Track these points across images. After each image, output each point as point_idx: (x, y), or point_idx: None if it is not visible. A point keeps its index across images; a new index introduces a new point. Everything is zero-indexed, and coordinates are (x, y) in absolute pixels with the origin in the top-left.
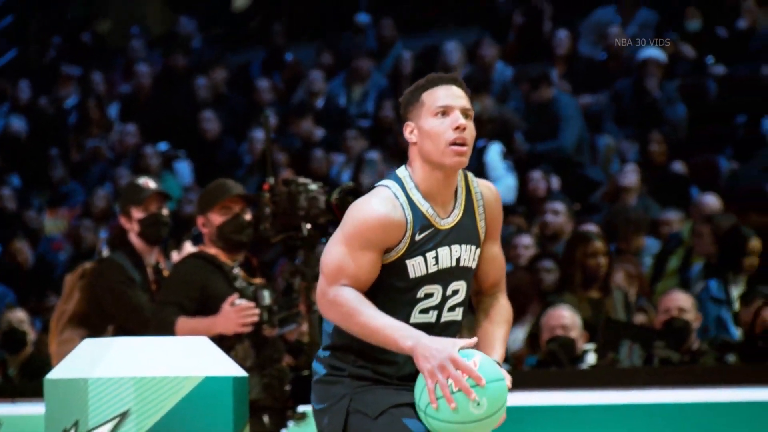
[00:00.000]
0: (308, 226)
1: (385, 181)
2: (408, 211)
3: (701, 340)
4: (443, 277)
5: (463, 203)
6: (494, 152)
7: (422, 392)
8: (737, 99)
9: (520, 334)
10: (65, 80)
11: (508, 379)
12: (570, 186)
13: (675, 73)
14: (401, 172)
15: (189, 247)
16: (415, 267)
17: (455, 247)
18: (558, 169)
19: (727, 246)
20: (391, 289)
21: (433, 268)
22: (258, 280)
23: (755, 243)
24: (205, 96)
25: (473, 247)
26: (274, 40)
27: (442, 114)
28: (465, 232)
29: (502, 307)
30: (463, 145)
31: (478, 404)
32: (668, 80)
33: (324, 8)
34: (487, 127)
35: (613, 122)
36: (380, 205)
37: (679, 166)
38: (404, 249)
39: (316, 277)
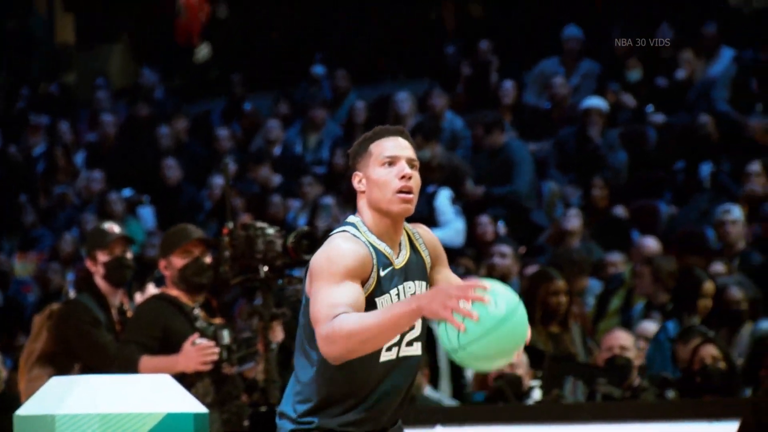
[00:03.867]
0: (266, 268)
1: (340, 227)
2: (371, 248)
3: (642, 377)
4: None
5: (408, 243)
6: (444, 197)
7: (446, 331)
8: (676, 146)
9: (469, 371)
10: (34, 129)
11: None
12: (516, 229)
13: (616, 121)
14: (352, 219)
15: (152, 289)
16: (383, 305)
17: (409, 284)
18: (506, 213)
19: (681, 288)
20: None
21: None
22: (218, 320)
23: (709, 285)
24: (167, 144)
25: (424, 283)
26: (233, 91)
27: (389, 164)
28: (415, 269)
29: None
30: (409, 193)
31: (496, 304)
32: (610, 128)
33: (281, 60)
34: (437, 173)
35: (557, 168)
36: (345, 242)
37: (620, 210)
38: (373, 286)
39: (273, 317)
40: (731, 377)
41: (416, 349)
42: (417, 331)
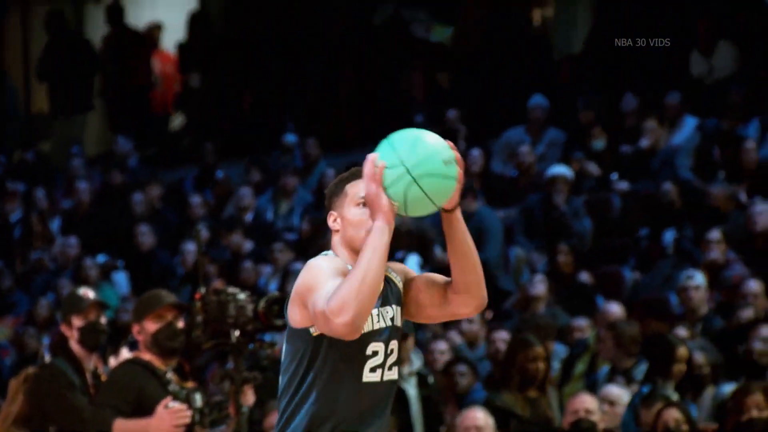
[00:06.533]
0: (237, 333)
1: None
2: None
3: None
4: (383, 335)
5: None
6: (412, 263)
7: (392, 183)
8: (640, 213)
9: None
10: (10, 196)
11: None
12: None
13: (581, 188)
14: (326, 252)
15: (125, 353)
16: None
17: (387, 308)
18: None
19: (655, 354)
20: (342, 345)
21: (377, 325)
22: (190, 384)
23: (683, 350)
24: (140, 211)
25: (400, 308)
26: (206, 159)
27: (364, 204)
28: (390, 295)
29: None
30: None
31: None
32: (575, 195)
33: (253, 129)
34: (405, 239)
35: (524, 235)
36: (323, 259)
37: (585, 276)
38: None
39: (244, 381)
40: None
41: (395, 374)
42: (395, 356)
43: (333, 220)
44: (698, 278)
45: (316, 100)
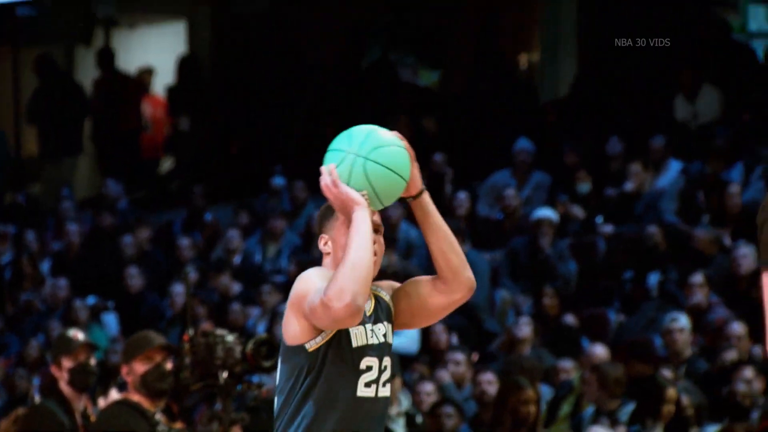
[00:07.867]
0: (225, 374)
1: None
2: None
3: None
4: (376, 351)
5: (371, 295)
6: None
7: (348, 174)
8: (624, 256)
9: None
10: (1, 239)
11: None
12: (469, 337)
13: (566, 231)
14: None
15: (114, 394)
16: (357, 336)
17: (380, 325)
18: (458, 320)
19: (644, 395)
20: (338, 359)
21: (371, 340)
22: (178, 425)
23: (672, 391)
24: (130, 253)
25: (390, 325)
26: (195, 202)
27: None
28: (380, 313)
29: None
30: (374, 255)
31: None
32: (560, 239)
33: (241, 172)
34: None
35: (509, 277)
36: (314, 268)
37: (570, 319)
38: None
39: (232, 423)
40: None
41: (388, 391)
42: (389, 374)
43: (324, 243)
44: (682, 321)
45: (303, 143)
